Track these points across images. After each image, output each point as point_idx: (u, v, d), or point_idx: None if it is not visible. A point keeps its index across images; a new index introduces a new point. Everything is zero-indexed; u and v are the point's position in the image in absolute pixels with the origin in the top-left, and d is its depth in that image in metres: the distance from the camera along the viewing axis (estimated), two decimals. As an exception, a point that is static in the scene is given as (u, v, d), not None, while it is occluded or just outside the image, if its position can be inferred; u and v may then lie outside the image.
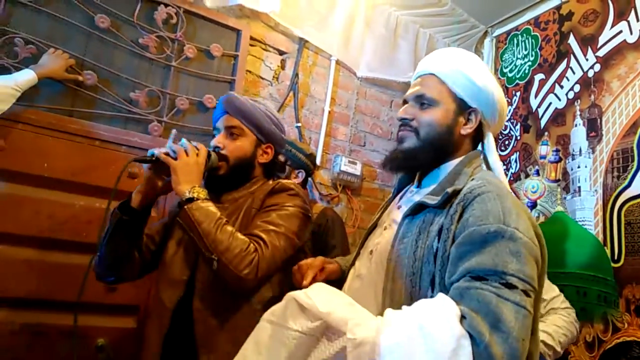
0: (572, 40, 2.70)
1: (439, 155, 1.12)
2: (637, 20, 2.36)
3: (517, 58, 3.07)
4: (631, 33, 2.38)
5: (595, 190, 2.39)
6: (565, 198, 2.53)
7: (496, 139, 3.08)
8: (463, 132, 1.12)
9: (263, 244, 1.19)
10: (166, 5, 2.09)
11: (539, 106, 2.83)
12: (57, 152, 1.81)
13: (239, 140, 1.38)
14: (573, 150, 2.56)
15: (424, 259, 0.98)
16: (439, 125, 1.10)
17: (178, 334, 1.24)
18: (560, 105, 2.69)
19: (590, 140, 2.49)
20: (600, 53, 2.52)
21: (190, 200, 1.17)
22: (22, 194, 1.75)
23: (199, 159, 1.24)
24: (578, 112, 2.58)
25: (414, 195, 1.20)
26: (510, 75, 3.10)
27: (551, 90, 2.77)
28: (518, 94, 2.99)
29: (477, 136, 1.18)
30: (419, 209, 1.07)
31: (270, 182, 1.42)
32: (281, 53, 2.51)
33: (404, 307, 0.87)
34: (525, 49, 3.02)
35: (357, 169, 2.58)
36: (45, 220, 1.77)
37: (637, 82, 2.31)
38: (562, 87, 2.71)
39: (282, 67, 2.51)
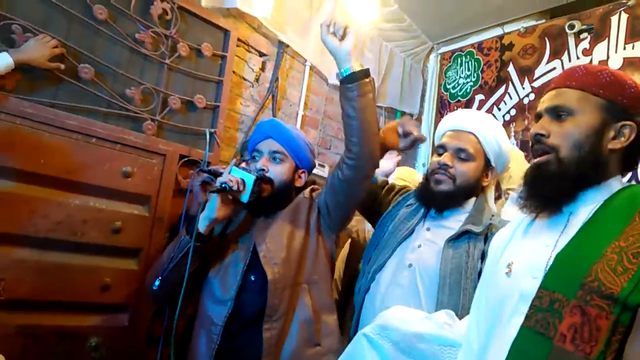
0: (511, 69, 3.12)
1: None
2: (569, 61, 2.81)
3: (460, 77, 3.44)
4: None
5: (524, 202, 2.83)
6: (498, 206, 2.95)
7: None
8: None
9: None
10: (162, 0, 2.05)
11: (478, 123, 3.21)
12: (54, 148, 1.74)
13: (282, 165, 1.51)
14: (507, 166, 2.98)
15: (472, 277, 1.26)
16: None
17: (227, 349, 1.38)
18: (498, 125, 3.10)
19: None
20: (536, 84, 2.95)
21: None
22: (17, 192, 1.67)
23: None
24: (513, 134, 3.01)
25: (438, 221, 1.50)
26: (452, 91, 3.46)
27: (490, 110, 3.17)
28: (458, 109, 3.36)
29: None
30: (461, 234, 1.40)
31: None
32: (261, 55, 2.57)
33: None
34: (468, 70, 3.39)
35: (325, 172, 2.75)
36: (40, 220, 1.70)
37: (564, 115, 2.76)
38: (499, 109, 3.12)
39: (263, 69, 2.58)
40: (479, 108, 3.23)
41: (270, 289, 1.42)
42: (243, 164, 1.97)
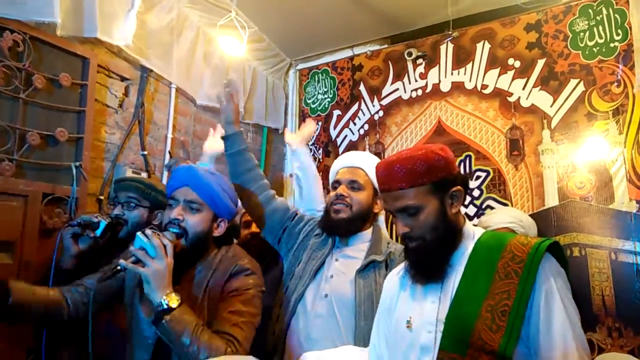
0: (362, 88, 3.47)
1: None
2: (409, 83, 3.23)
3: (319, 92, 3.71)
4: (405, 92, 3.25)
5: (380, 207, 3.21)
6: (358, 212, 3.29)
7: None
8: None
9: (237, 343, 1.28)
10: (12, 31, 1.91)
11: (337, 136, 3.53)
12: None
13: (198, 215, 1.44)
14: (363, 175, 3.33)
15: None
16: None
17: None
18: (354, 138, 3.45)
19: (376, 168, 3.29)
20: (384, 102, 3.34)
21: (168, 310, 1.23)
22: None
23: (169, 259, 1.28)
24: (367, 146, 3.37)
25: (344, 251, 1.77)
26: (313, 106, 3.73)
27: (346, 125, 3.50)
28: (320, 123, 3.63)
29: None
30: (367, 264, 1.65)
31: (223, 251, 1.52)
32: (123, 79, 2.51)
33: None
34: (325, 87, 3.68)
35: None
36: None
37: (409, 130, 3.19)
38: (355, 124, 3.46)
39: (126, 94, 2.52)
40: (337, 123, 3.54)
41: None
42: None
